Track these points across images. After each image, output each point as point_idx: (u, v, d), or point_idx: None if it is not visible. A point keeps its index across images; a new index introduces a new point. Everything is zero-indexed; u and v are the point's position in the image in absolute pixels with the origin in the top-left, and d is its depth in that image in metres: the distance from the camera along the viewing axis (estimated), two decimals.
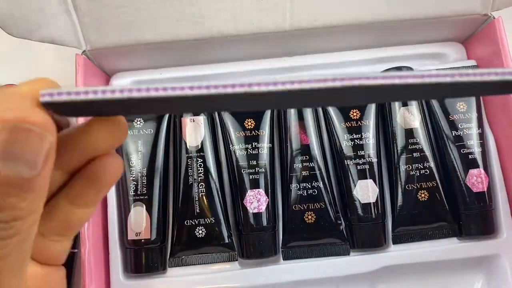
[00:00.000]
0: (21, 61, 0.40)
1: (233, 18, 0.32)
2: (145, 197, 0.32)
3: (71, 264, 0.34)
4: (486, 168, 0.33)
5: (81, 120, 0.27)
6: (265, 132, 0.33)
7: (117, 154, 0.17)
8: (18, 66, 0.40)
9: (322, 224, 0.33)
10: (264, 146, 0.33)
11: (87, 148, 0.16)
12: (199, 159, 0.33)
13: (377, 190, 0.33)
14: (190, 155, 0.33)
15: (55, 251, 0.18)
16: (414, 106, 0.34)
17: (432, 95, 0.18)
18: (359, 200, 0.33)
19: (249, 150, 0.33)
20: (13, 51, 0.40)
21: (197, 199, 0.32)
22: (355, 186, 0.33)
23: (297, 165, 0.33)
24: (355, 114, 0.34)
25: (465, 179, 0.33)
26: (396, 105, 0.34)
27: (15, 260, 0.14)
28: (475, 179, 0.33)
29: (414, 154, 0.33)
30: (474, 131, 0.34)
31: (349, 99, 0.17)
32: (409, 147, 0.33)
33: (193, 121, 0.34)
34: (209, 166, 0.33)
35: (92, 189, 0.16)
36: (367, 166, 0.33)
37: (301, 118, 0.34)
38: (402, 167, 0.33)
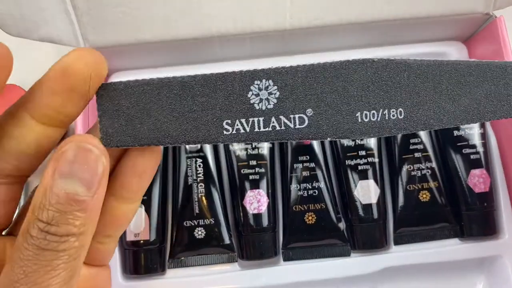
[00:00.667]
0: (20, 60, 0.40)
1: (233, 17, 0.31)
2: (144, 197, 0.32)
3: None
4: (488, 169, 0.33)
5: None
6: None
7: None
8: (17, 65, 0.40)
9: (323, 225, 0.32)
10: (264, 146, 0.33)
11: None
12: (198, 160, 0.33)
13: (378, 190, 0.33)
14: (190, 155, 0.33)
15: (102, 252, 0.18)
16: None
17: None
18: (360, 201, 0.32)
19: (249, 150, 0.33)
20: (12, 50, 0.40)
21: (196, 199, 0.32)
22: (356, 186, 0.33)
23: (298, 165, 0.33)
24: None
25: (467, 179, 0.33)
26: None
27: (64, 275, 0.14)
28: (477, 180, 0.33)
29: (416, 155, 0.33)
30: (476, 131, 0.33)
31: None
32: (411, 147, 0.33)
33: None
34: (209, 166, 0.33)
35: (134, 177, 0.17)
36: (368, 167, 0.33)
37: None
38: (404, 168, 0.33)
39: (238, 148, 0.33)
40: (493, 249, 0.33)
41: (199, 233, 0.32)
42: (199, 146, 0.33)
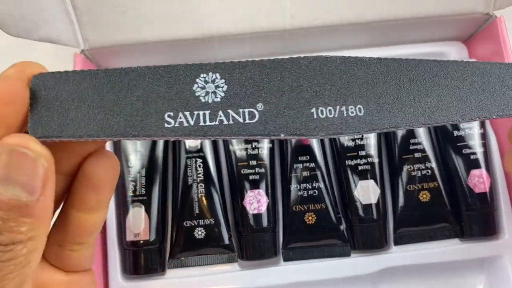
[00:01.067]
0: (20, 60, 0.40)
1: (233, 17, 0.31)
2: (144, 197, 0.32)
3: None
4: (488, 169, 0.33)
5: None
6: None
7: (108, 151, 0.17)
8: None
9: (323, 225, 0.32)
10: (264, 146, 0.33)
11: (75, 147, 0.16)
12: (198, 160, 0.33)
13: (378, 190, 0.33)
14: (190, 155, 0.33)
15: (76, 259, 0.17)
16: None
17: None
18: (360, 201, 0.32)
19: (249, 150, 0.33)
20: (12, 50, 0.40)
21: (196, 200, 0.32)
22: (356, 186, 0.32)
23: (298, 165, 0.33)
24: None
25: (467, 179, 0.33)
26: None
27: (12, 286, 0.14)
28: (477, 180, 0.33)
29: (416, 155, 0.33)
30: (476, 131, 0.33)
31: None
32: (411, 147, 0.33)
33: None
34: (209, 166, 0.33)
35: (90, 191, 0.16)
36: (368, 167, 0.33)
37: None
38: (404, 168, 0.33)
39: (238, 148, 0.33)
40: (493, 249, 0.33)
41: (199, 233, 0.32)
42: (199, 145, 0.33)
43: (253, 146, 0.33)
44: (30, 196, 0.13)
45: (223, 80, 0.16)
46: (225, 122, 0.15)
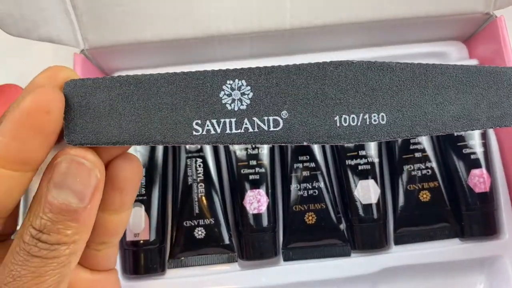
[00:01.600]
0: (20, 60, 0.40)
1: (233, 17, 0.31)
2: (144, 197, 0.32)
3: None
4: (489, 169, 0.33)
5: None
6: None
7: (132, 155, 0.18)
8: (16, 65, 0.40)
9: (323, 225, 0.32)
10: (264, 146, 0.33)
11: (102, 151, 0.17)
12: (198, 159, 0.33)
13: (379, 190, 0.32)
14: (190, 155, 0.33)
15: (101, 258, 0.18)
16: None
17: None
18: (360, 201, 0.32)
19: (249, 150, 0.33)
20: (12, 50, 0.40)
21: (196, 199, 0.32)
22: (356, 186, 0.32)
23: (298, 165, 0.33)
24: None
25: (467, 179, 0.33)
26: None
27: (51, 281, 0.15)
28: (477, 180, 0.33)
29: (416, 154, 0.33)
30: (476, 131, 0.33)
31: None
32: (411, 147, 0.33)
33: None
34: (209, 166, 0.33)
35: (116, 193, 0.17)
36: (368, 166, 0.33)
37: None
38: (404, 167, 0.33)
39: (238, 148, 0.33)
40: (493, 249, 0.33)
41: (199, 233, 0.32)
42: (199, 146, 0.33)
43: (253, 146, 0.33)
44: (80, 203, 0.15)
45: (248, 87, 0.16)
46: (250, 130, 0.16)
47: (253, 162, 0.32)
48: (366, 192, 0.32)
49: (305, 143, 0.16)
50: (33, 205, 0.15)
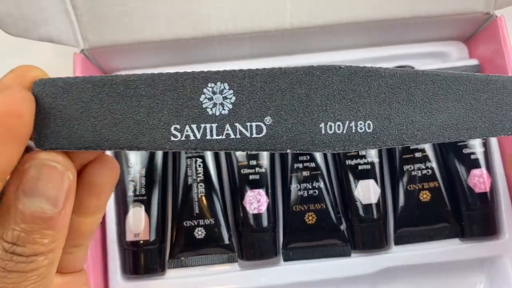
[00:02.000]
0: (19, 60, 0.40)
1: (233, 17, 0.31)
2: (144, 197, 0.32)
3: None
4: (489, 169, 0.33)
5: None
6: None
7: (108, 156, 0.17)
8: (16, 65, 0.40)
9: (323, 225, 0.32)
10: None
11: (76, 155, 0.16)
12: (198, 159, 0.33)
13: (379, 190, 0.32)
14: (190, 155, 0.33)
15: (72, 261, 0.18)
16: None
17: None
18: (360, 201, 0.32)
19: None
20: (12, 50, 0.40)
21: (196, 199, 0.32)
22: (356, 186, 0.32)
23: (298, 165, 0.33)
24: None
25: (467, 179, 0.33)
26: None
27: None
28: (477, 180, 0.32)
29: (416, 154, 0.33)
30: None
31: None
32: (411, 147, 0.33)
33: None
34: (209, 166, 0.33)
35: (92, 196, 0.16)
36: (368, 167, 0.33)
37: None
38: (404, 168, 0.33)
39: None
40: (493, 249, 0.33)
41: (199, 233, 0.32)
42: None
43: None
44: (54, 209, 0.14)
45: (231, 91, 0.15)
46: (232, 136, 0.15)
47: (253, 162, 0.32)
48: (366, 192, 0.32)
49: (288, 151, 0.15)
50: (0, 216, 0.14)
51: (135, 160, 0.32)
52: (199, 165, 0.33)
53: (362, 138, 0.15)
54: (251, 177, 0.32)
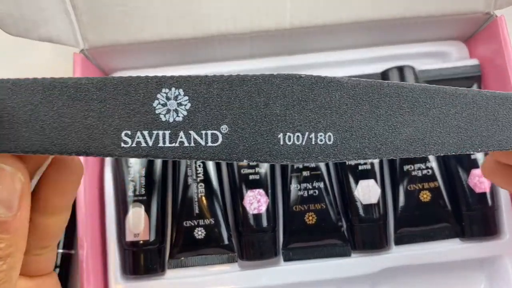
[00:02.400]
0: (19, 60, 0.40)
1: (233, 17, 0.31)
2: (144, 197, 0.32)
3: (68, 266, 0.34)
4: None
5: None
6: None
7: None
8: (16, 65, 0.40)
9: (323, 225, 0.32)
10: None
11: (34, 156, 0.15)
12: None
13: (379, 190, 0.32)
14: None
15: (41, 263, 0.17)
16: None
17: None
18: (360, 201, 0.32)
19: None
20: (11, 50, 0.40)
21: (196, 199, 0.32)
22: (356, 186, 0.32)
23: (298, 165, 0.33)
24: None
25: (467, 179, 0.33)
26: None
27: None
28: (478, 180, 0.32)
29: None
30: None
31: None
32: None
33: None
34: (209, 166, 0.33)
35: (56, 194, 0.16)
36: (368, 166, 0.33)
37: None
38: (404, 168, 0.33)
39: None
40: (493, 249, 0.33)
41: (199, 233, 0.32)
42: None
43: None
44: (8, 212, 0.13)
45: (186, 98, 0.14)
46: (186, 144, 0.14)
47: (253, 162, 0.32)
48: (366, 192, 0.32)
49: (245, 162, 0.15)
50: None
51: (135, 160, 0.32)
52: (199, 165, 0.33)
53: (322, 151, 0.15)
54: (251, 177, 0.32)
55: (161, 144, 0.14)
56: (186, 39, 0.32)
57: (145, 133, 0.14)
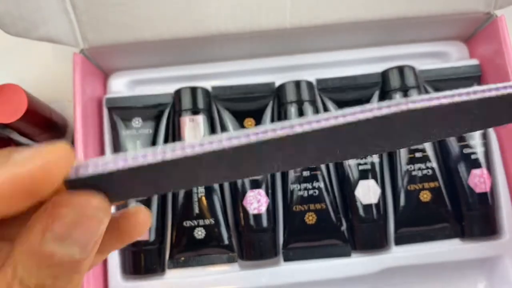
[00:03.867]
0: (19, 60, 0.40)
1: (233, 17, 0.31)
2: (144, 198, 0.32)
3: None
4: (489, 168, 0.33)
5: None
6: None
7: (144, 208, 0.16)
8: (16, 65, 0.40)
9: (323, 225, 0.32)
10: None
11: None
12: None
13: (379, 190, 0.32)
14: None
15: None
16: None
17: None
18: (360, 201, 0.32)
19: None
20: (11, 50, 0.40)
21: (196, 200, 0.32)
22: (356, 186, 0.32)
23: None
24: None
25: (467, 179, 0.33)
26: None
27: None
28: (478, 179, 0.32)
29: (416, 154, 0.33)
30: (477, 131, 0.33)
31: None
32: (411, 147, 0.33)
33: (193, 120, 0.33)
34: None
35: (119, 242, 0.16)
36: (368, 166, 0.33)
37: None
38: (404, 168, 0.33)
39: None
40: (494, 249, 0.33)
41: (199, 233, 0.32)
42: None
43: None
44: (83, 253, 0.13)
45: None
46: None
47: None
48: (367, 192, 0.32)
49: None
50: (20, 258, 0.12)
51: None
52: None
53: None
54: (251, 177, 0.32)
55: None
56: (186, 39, 0.32)
57: None
